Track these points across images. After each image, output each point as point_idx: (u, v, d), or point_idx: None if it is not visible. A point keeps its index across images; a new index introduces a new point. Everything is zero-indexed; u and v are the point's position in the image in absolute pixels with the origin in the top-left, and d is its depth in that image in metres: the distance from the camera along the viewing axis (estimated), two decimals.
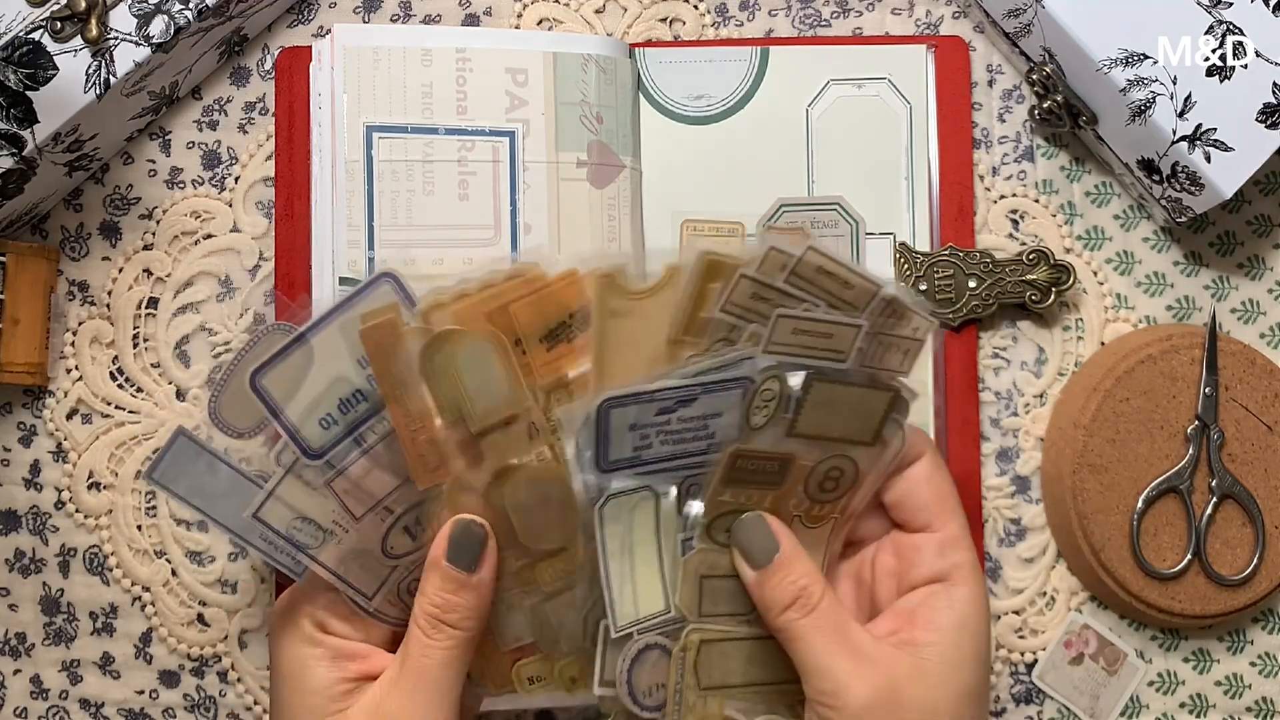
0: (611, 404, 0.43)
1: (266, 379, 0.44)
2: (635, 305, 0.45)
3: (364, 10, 0.60)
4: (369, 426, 0.45)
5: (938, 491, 0.47)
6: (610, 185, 0.57)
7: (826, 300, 0.44)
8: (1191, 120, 0.53)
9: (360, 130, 0.55)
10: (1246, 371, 0.57)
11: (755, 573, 0.45)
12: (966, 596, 0.45)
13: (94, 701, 0.58)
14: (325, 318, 0.45)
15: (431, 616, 0.44)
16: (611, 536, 0.45)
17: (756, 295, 0.44)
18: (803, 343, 0.44)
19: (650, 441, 0.44)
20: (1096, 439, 0.56)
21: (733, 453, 0.44)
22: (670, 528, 0.45)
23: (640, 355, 0.45)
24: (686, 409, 0.44)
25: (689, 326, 0.45)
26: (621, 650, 0.45)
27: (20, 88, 0.52)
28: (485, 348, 0.45)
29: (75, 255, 0.59)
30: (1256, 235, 0.60)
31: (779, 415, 0.45)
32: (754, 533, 0.45)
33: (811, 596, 0.44)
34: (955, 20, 0.60)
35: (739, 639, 0.46)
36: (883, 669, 0.43)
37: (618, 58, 0.57)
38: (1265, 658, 0.59)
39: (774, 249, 0.43)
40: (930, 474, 0.47)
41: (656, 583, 0.45)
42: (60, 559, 0.58)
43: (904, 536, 0.48)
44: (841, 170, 0.58)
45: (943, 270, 0.57)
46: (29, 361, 0.56)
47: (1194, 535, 0.56)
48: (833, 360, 0.45)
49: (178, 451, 0.45)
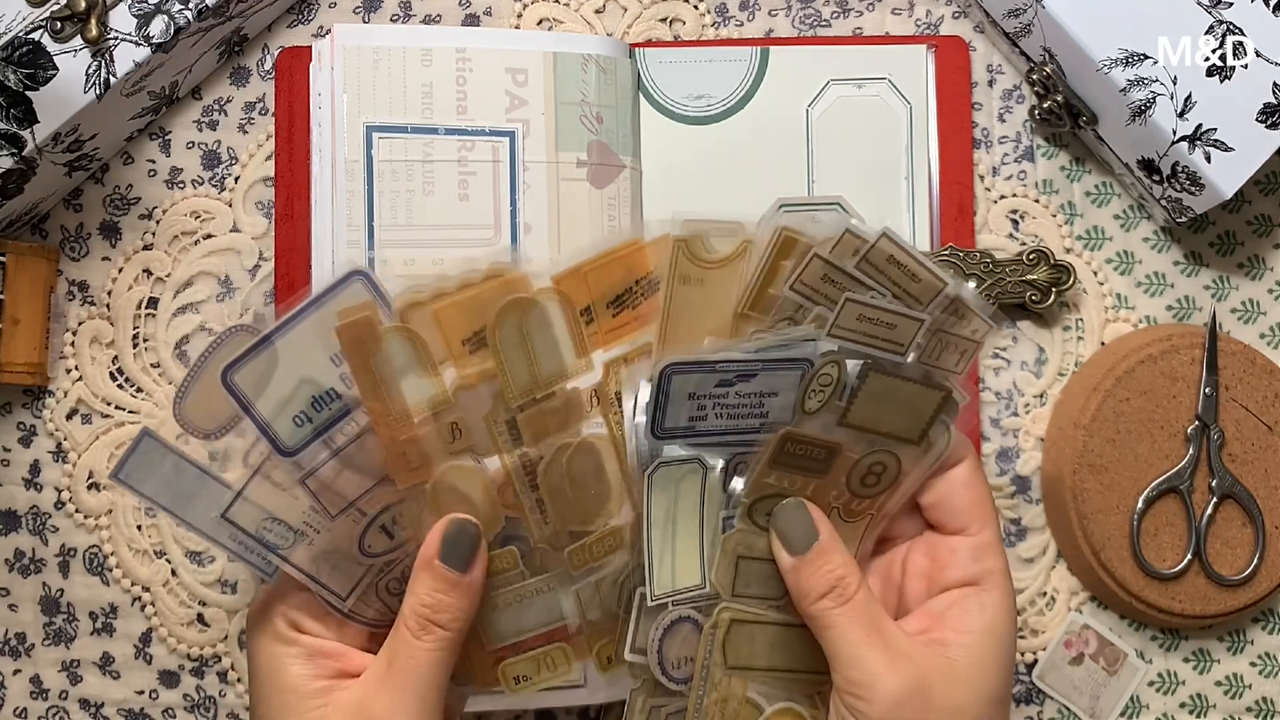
0: (674, 369, 0.43)
1: (238, 376, 0.44)
2: (707, 273, 0.45)
3: (364, 10, 0.60)
4: (339, 428, 0.45)
5: (976, 496, 0.47)
6: (610, 185, 0.57)
7: (892, 290, 0.44)
8: (1191, 120, 0.53)
9: (360, 130, 0.55)
10: (1246, 371, 0.57)
11: (792, 559, 0.45)
12: (998, 602, 0.46)
13: (94, 701, 0.58)
14: (296, 315, 0.44)
15: (422, 617, 0.44)
16: (658, 505, 0.45)
17: (826, 277, 0.44)
18: (866, 330, 0.44)
19: (706, 413, 0.44)
20: (1096, 439, 0.56)
21: (783, 435, 0.44)
22: (714, 503, 0.46)
23: (706, 325, 0.45)
24: (745, 384, 0.44)
25: (757, 301, 0.45)
26: (655, 620, 0.45)
27: (20, 88, 0.52)
28: (555, 312, 0.45)
29: (75, 255, 0.59)
30: (1256, 235, 0.60)
31: (832, 402, 0.45)
32: (795, 519, 0.45)
33: (848, 587, 0.44)
34: (955, 20, 0.60)
35: (767, 623, 0.46)
36: (915, 664, 0.43)
37: (618, 58, 0.57)
38: (1265, 658, 0.59)
39: (849, 232, 0.43)
40: (970, 478, 0.47)
41: (695, 556, 0.45)
42: (60, 559, 0.58)
43: (938, 538, 0.48)
44: (841, 170, 0.58)
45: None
46: (29, 361, 0.56)
47: (1194, 535, 0.56)
48: (892, 352, 0.45)
49: (143, 452, 0.44)
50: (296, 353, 0.44)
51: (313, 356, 0.45)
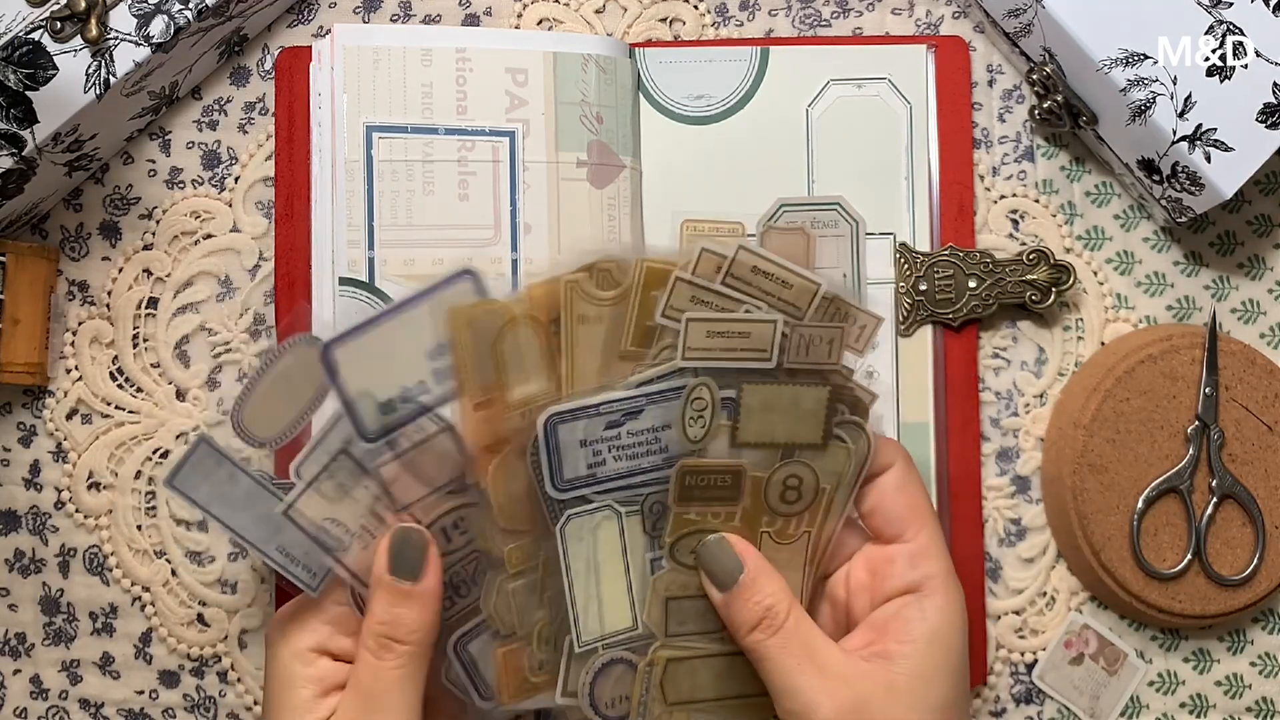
0: (557, 419, 0.42)
1: (339, 351, 0.44)
2: (605, 310, 0.44)
3: (364, 10, 0.60)
4: (407, 430, 0.45)
5: (909, 500, 0.46)
6: (610, 185, 0.57)
7: (767, 301, 0.44)
8: (1191, 120, 0.53)
9: (360, 130, 0.55)
10: (1246, 371, 0.57)
11: (722, 594, 0.44)
12: (939, 606, 0.45)
13: (94, 701, 0.58)
14: (402, 305, 0.44)
15: (380, 636, 0.43)
16: (575, 555, 0.44)
17: (695, 299, 0.43)
18: (722, 346, 0.43)
19: (603, 458, 0.43)
20: (1096, 439, 0.56)
21: (680, 469, 0.44)
22: (637, 545, 0.45)
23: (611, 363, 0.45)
24: (635, 422, 0.43)
25: (637, 336, 0.44)
26: (585, 663, 0.45)
27: (20, 88, 0.52)
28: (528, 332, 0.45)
29: (75, 255, 0.59)
30: (1256, 235, 0.60)
31: (717, 425, 0.44)
32: (718, 555, 0.45)
33: (777, 616, 0.43)
34: (955, 20, 0.60)
35: (709, 655, 0.45)
36: (851, 686, 0.42)
37: (618, 58, 0.57)
38: (1265, 658, 0.59)
39: (706, 250, 0.43)
40: (901, 483, 0.46)
41: (624, 600, 0.45)
42: (60, 559, 0.58)
43: (876, 549, 0.47)
44: (841, 170, 0.58)
45: (943, 270, 0.57)
46: (29, 361, 0.56)
47: (1194, 535, 0.56)
48: (757, 360, 0.44)
49: (199, 459, 0.45)
50: (392, 343, 0.45)
51: (408, 349, 0.45)
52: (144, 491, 0.58)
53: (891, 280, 0.57)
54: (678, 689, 0.45)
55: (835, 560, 0.48)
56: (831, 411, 0.45)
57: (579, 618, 0.45)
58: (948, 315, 0.57)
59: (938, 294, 0.57)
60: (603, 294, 0.45)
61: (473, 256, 0.56)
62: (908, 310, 0.57)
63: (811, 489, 0.46)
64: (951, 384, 0.57)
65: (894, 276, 0.57)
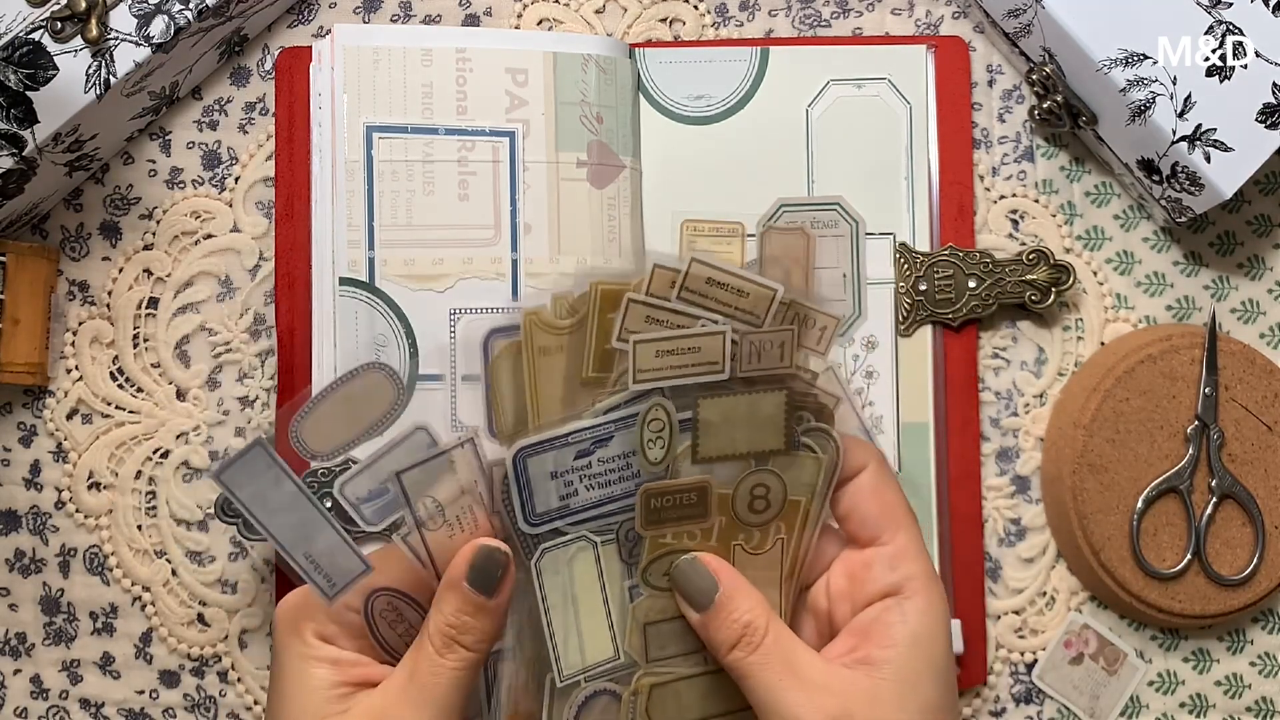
0: (526, 452, 0.42)
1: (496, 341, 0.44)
2: (564, 339, 0.44)
3: (364, 10, 0.60)
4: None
5: (883, 502, 0.45)
6: (610, 185, 0.57)
7: (724, 311, 0.43)
8: (1191, 120, 0.53)
9: (360, 130, 0.55)
10: (1246, 371, 0.57)
11: (699, 615, 0.44)
12: (920, 608, 0.44)
13: (94, 701, 0.58)
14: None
15: (446, 636, 0.44)
16: (551, 589, 0.44)
17: (650, 318, 0.42)
18: (672, 363, 0.42)
19: (575, 488, 0.43)
20: (1096, 439, 0.56)
21: (642, 493, 0.43)
22: (615, 574, 0.45)
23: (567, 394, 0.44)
24: (604, 449, 0.42)
25: (598, 362, 0.43)
26: (569, 699, 0.45)
27: (20, 88, 0.52)
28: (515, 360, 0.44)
29: (75, 255, 0.59)
30: (1256, 235, 0.60)
31: (677, 444, 0.43)
32: (691, 575, 0.44)
33: (755, 633, 0.43)
34: (955, 20, 0.60)
35: (693, 676, 0.45)
36: (835, 696, 0.42)
37: (618, 58, 0.57)
38: (1265, 658, 0.59)
39: (658, 266, 0.42)
40: (876, 484, 0.46)
41: (604, 630, 0.45)
42: (60, 559, 0.58)
43: (854, 554, 0.46)
44: (841, 170, 0.58)
45: (943, 270, 0.57)
46: (29, 361, 0.56)
47: (1194, 535, 0.56)
48: (709, 373, 0.43)
49: (252, 459, 0.45)
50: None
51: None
52: (144, 491, 0.58)
53: (891, 280, 0.57)
54: (664, 713, 0.45)
55: (815, 570, 0.47)
56: (791, 415, 0.44)
57: (559, 653, 0.44)
58: (947, 315, 0.57)
59: (938, 294, 0.57)
60: (561, 322, 0.44)
61: (473, 257, 0.56)
62: (908, 310, 0.57)
63: (780, 496, 0.45)
64: (951, 384, 0.57)
65: (894, 276, 0.57)
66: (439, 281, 0.55)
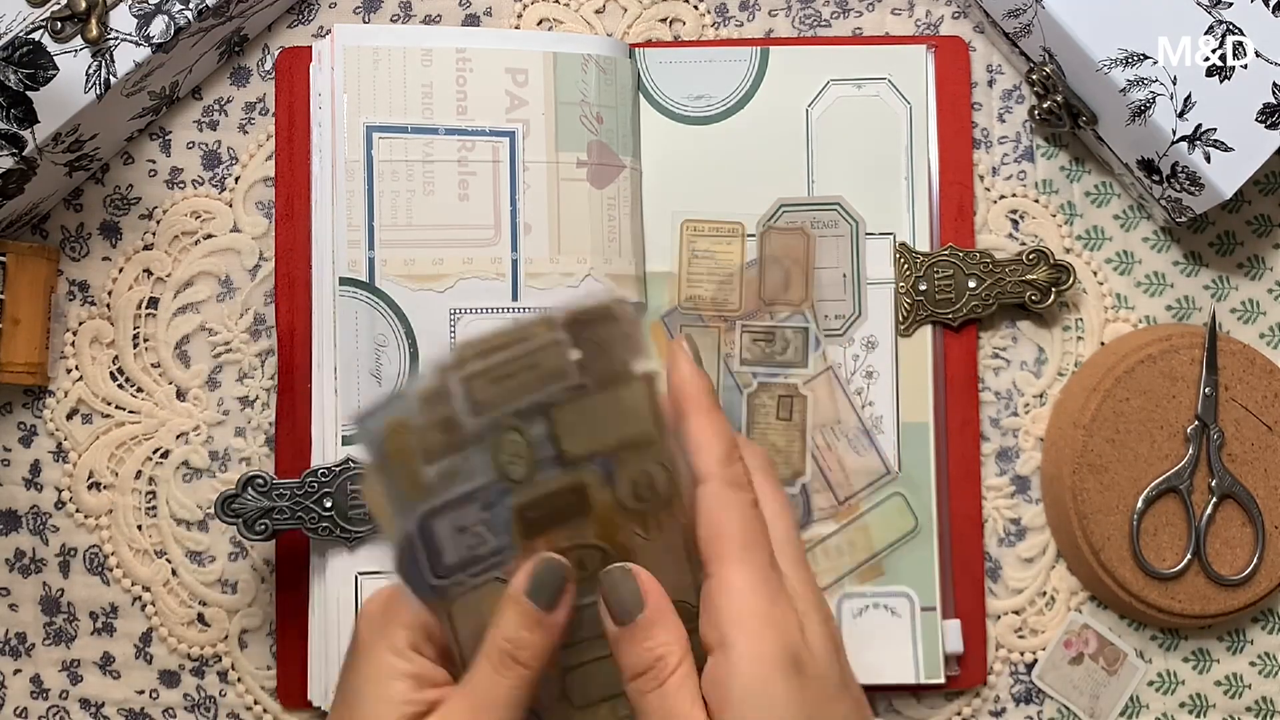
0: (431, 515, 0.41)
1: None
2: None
3: (364, 10, 0.60)
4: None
5: (717, 521, 0.41)
6: (610, 185, 0.57)
7: (518, 362, 0.41)
8: (1191, 120, 0.53)
9: (360, 130, 0.55)
10: (1246, 371, 0.57)
11: (616, 628, 0.42)
12: (746, 655, 0.39)
13: (94, 701, 0.58)
14: None
15: (504, 652, 0.42)
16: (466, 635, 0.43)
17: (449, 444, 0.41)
18: (514, 386, 0.41)
19: (483, 538, 0.42)
20: (1096, 439, 0.56)
21: (515, 510, 0.42)
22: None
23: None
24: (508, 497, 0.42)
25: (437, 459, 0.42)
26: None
27: (20, 88, 0.52)
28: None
29: (75, 255, 0.59)
30: (1256, 235, 0.60)
31: (537, 457, 0.42)
32: (620, 586, 0.42)
33: (664, 669, 0.41)
34: (955, 20, 0.60)
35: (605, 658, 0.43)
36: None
37: (618, 58, 0.57)
38: (1265, 658, 0.59)
39: (423, 400, 0.41)
40: (708, 506, 0.41)
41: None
42: (60, 559, 0.58)
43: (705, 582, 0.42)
44: (841, 170, 0.58)
45: (943, 270, 0.57)
46: (29, 361, 0.56)
47: (1194, 535, 0.56)
48: (557, 383, 0.41)
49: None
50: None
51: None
52: (144, 491, 0.58)
53: (891, 280, 0.57)
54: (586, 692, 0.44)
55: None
56: (655, 398, 0.42)
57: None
58: (947, 315, 0.57)
59: (937, 294, 0.57)
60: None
61: (473, 257, 0.56)
62: (908, 310, 0.57)
63: (665, 477, 0.42)
64: (951, 384, 0.57)
65: (894, 276, 0.57)
66: (439, 281, 0.56)
